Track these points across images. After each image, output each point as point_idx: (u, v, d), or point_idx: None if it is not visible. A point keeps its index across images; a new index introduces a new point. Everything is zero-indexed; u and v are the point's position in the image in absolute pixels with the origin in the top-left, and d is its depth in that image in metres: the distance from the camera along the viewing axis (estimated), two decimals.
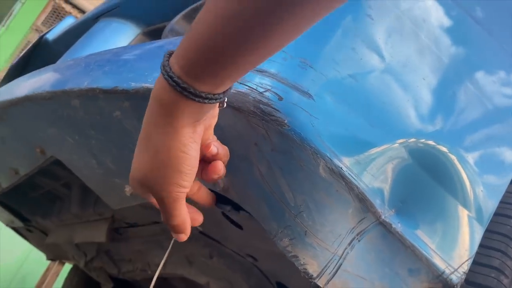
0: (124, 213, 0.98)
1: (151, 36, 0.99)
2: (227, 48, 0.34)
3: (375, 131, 0.50)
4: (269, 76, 0.48)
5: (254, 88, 0.47)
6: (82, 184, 1.00)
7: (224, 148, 0.47)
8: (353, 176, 0.48)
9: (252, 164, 0.51)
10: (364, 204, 0.49)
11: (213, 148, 0.45)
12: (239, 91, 0.48)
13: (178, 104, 0.38)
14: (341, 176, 0.48)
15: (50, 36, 1.27)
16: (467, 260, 0.55)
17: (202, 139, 0.43)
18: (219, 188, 0.55)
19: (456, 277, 0.54)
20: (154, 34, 0.98)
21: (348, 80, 0.50)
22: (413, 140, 0.53)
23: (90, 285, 1.83)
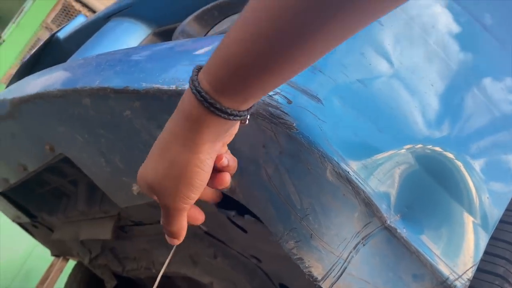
0: (130, 211, 0.99)
1: (162, 37, 1.00)
2: (255, 66, 0.34)
3: (382, 136, 0.51)
4: None
5: None
6: (89, 182, 1.01)
7: (234, 160, 0.48)
8: (360, 180, 0.48)
9: (259, 166, 0.51)
10: (370, 208, 0.49)
11: (224, 160, 0.45)
12: None
13: (203, 119, 0.38)
14: (348, 180, 0.48)
15: (61, 34, 1.28)
16: (472, 266, 0.55)
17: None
18: (226, 189, 0.55)
19: (460, 284, 0.54)
20: (165, 35, 0.99)
21: (356, 85, 0.50)
22: (420, 146, 0.53)
23: (94, 282, 1.84)
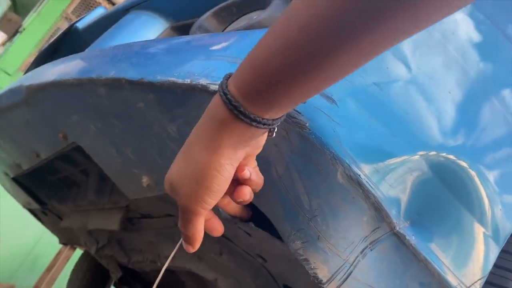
0: (139, 203, 1.00)
1: (179, 31, 1.00)
2: (281, 71, 0.34)
3: (396, 141, 0.50)
4: None
5: None
6: (100, 172, 1.02)
7: (260, 177, 0.47)
8: (370, 184, 0.48)
9: (270, 165, 0.51)
10: (380, 213, 0.49)
11: (246, 173, 0.45)
12: None
13: (227, 122, 0.39)
14: (358, 184, 0.48)
15: (80, 24, 1.29)
16: (480, 279, 0.54)
17: (241, 163, 0.44)
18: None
19: None
20: (182, 29, 0.99)
21: (372, 88, 0.50)
22: (433, 153, 0.52)
23: (99, 272, 1.86)
